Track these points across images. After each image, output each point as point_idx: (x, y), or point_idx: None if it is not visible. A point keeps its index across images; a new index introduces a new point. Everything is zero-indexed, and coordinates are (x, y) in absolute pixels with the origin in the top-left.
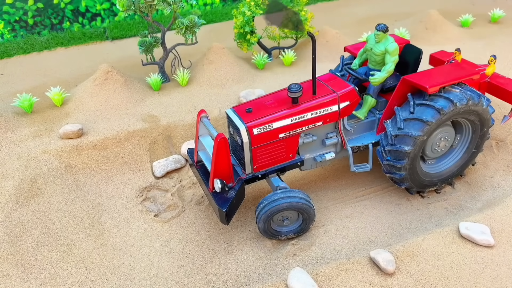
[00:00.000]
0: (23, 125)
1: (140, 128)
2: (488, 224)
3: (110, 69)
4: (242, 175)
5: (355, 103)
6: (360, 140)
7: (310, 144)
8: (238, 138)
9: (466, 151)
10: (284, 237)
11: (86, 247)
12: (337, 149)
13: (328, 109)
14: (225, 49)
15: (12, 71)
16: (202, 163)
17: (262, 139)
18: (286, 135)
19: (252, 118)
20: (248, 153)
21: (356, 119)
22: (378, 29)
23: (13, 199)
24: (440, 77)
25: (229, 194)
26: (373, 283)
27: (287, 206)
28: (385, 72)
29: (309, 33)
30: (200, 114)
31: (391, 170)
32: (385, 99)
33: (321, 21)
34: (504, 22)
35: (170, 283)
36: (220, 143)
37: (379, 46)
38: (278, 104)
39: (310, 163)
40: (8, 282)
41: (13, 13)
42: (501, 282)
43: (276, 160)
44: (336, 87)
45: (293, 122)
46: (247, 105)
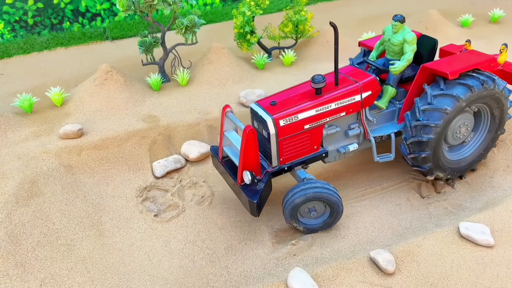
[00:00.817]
0: (23, 125)
1: (140, 128)
2: (488, 224)
3: (110, 69)
4: (268, 168)
5: (376, 93)
6: (382, 130)
7: (334, 136)
8: (264, 131)
9: (486, 136)
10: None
11: (86, 247)
12: (359, 140)
13: (351, 99)
14: (225, 49)
15: (12, 71)
16: (227, 158)
17: (288, 131)
18: (311, 126)
19: (278, 110)
20: (274, 145)
21: (377, 110)
22: (395, 19)
23: (13, 199)
24: (459, 63)
25: (258, 186)
26: (373, 283)
27: (318, 195)
28: (404, 60)
29: (332, 23)
30: (225, 109)
31: (416, 163)
32: (404, 89)
33: (321, 21)
34: (504, 22)
35: (170, 283)
36: (249, 135)
37: (397, 36)
38: (301, 96)
39: (333, 155)
40: (8, 282)
41: (13, 13)
42: (501, 282)
43: (302, 152)
44: (358, 77)
45: (318, 113)
46: (270, 98)
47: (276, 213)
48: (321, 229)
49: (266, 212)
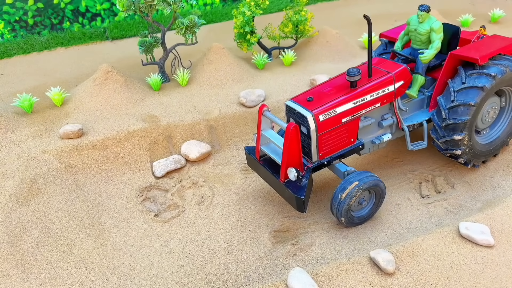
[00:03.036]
0: (23, 125)
1: (140, 128)
2: (488, 224)
3: (110, 69)
4: (308, 165)
5: (408, 82)
6: (413, 118)
7: (368, 127)
8: (303, 127)
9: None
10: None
11: (86, 247)
12: (392, 130)
13: (385, 90)
14: (225, 49)
15: (12, 71)
16: (265, 157)
17: (327, 125)
18: (348, 119)
19: (316, 106)
20: (314, 140)
21: (408, 99)
22: (421, 9)
23: (13, 199)
24: (486, 49)
25: (302, 182)
26: (373, 283)
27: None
28: (433, 49)
29: (366, 16)
30: (262, 108)
31: (448, 146)
32: (431, 78)
33: (321, 21)
34: (504, 22)
35: (170, 283)
36: (293, 132)
37: (424, 25)
38: (336, 90)
39: (368, 147)
40: (8, 282)
41: (13, 13)
42: (501, 282)
43: (340, 146)
44: (389, 68)
45: (355, 106)
46: (306, 94)
47: (276, 213)
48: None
49: (266, 212)
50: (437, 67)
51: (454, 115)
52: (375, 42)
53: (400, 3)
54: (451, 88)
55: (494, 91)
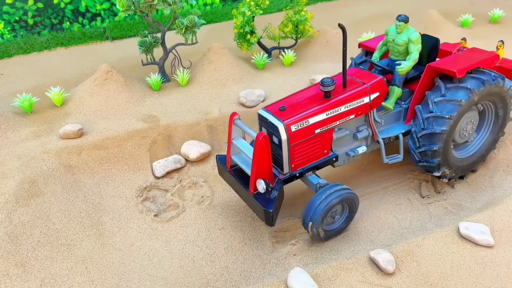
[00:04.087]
0: (23, 125)
1: (140, 128)
2: (488, 224)
3: (110, 69)
4: (279, 176)
5: (384, 94)
6: (389, 131)
7: (343, 139)
8: (274, 137)
9: (489, 135)
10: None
11: (86, 247)
12: (368, 142)
13: (360, 101)
14: (225, 49)
15: (12, 71)
16: (235, 167)
17: (299, 136)
18: (321, 131)
19: (288, 115)
20: (286, 151)
21: (384, 111)
22: (399, 19)
23: (13, 199)
24: (465, 62)
25: (272, 195)
26: (373, 283)
27: (342, 199)
28: (411, 60)
29: (340, 25)
30: (232, 117)
31: (424, 158)
32: (408, 90)
33: (321, 21)
34: (504, 22)
35: (170, 283)
36: (262, 142)
37: (402, 36)
38: (310, 100)
39: (343, 159)
40: (8, 282)
41: (13, 13)
42: (501, 282)
43: (313, 157)
44: (365, 79)
45: (328, 117)
46: (279, 103)
47: None
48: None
49: None
50: (415, 78)
51: (431, 126)
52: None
53: (400, 3)
54: (430, 99)
55: (472, 105)
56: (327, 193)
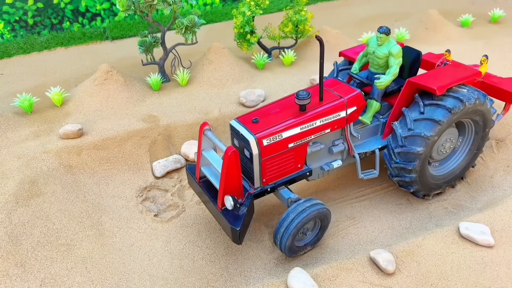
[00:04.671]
0: (23, 125)
1: (140, 128)
2: (488, 224)
3: (110, 69)
4: (249, 190)
5: (361, 108)
6: (366, 146)
7: (318, 153)
8: (246, 151)
9: (468, 152)
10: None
11: (86, 247)
12: (343, 156)
13: (336, 115)
14: (225, 49)
15: (12, 71)
16: (205, 179)
17: (272, 150)
18: (295, 145)
19: (261, 129)
20: (257, 165)
21: (361, 125)
22: (380, 31)
23: (13, 199)
24: (446, 78)
25: (241, 211)
26: (373, 283)
27: (315, 215)
28: (390, 75)
29: (318, 37)
30: (202, 127)
31: (400, 173)
32: (387, 103)
33: (321, 21)
34: (504, 22)
35: (170, 283)
36: (231, 157)
37: (382, 49)
38: (285, 113)
39: (317, 173)
40: (8, 282)
41: (13, 13)
42: (501, 282)
43: (285, 172)
44: (342, 92)
45: (303, 131)
46: (252, 115)
47: (276, 213)
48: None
49: (266, 212)
50: (395, 92)
51: (409, 145)
52: None
53: (400, 3)
54: (408, 117)
55: (452, 123)
56: (299, 210)
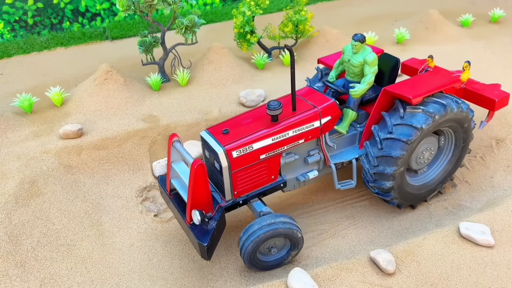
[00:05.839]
0: (23, 125)
1: (140, 128)
2: (488, 224)
3: (110, 69)
4: (221, 202)
5: (336, 118)
6: (343, 155)
7: (292, 164)
8: (216, 163)
9: (447, 164)
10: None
11: (86, 247)
12: (320, 167)
13: (309, 126)
14: (225, 49)
15: (12, 71)
16: (175, 191)
17: (242, 162)
18: (267, 156)
19: (230, 140)
20: (227, 178)
21: (337, 134)
22: (355, 39)
23: (13, 199)
24: (422, 87)
25: (209, 226)
26: (373, 283)
27: (272, 234)
28: (365, 84)
29: (287, 47)
30: (171, 138)
31: (377, 179)
32: (365, 112)
33: (321, 21)
34: (504, 22)
35: (170, 283)
36: (197, 171)
37: (357, 57)
38: (256, 123)
39: (293, 184)
40: (8, 282)
41: (13, 13)
42: (501, 282)
43: (258, 184)
44: (316, 101)
45: (275, 142)
46: (223, 125)
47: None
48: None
49: None
50: (372, 100)
51: (388, 149)
52: None
53: (400, 3)
54: (388, 121)
55: (431, 130)
56: (263, 224)
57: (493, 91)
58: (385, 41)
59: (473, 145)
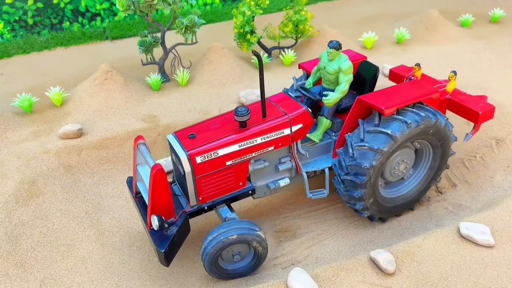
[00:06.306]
0: (23, 125)
1: (140, 128)
2: (488, 224)
3: (110, 69)
4: (186, 207)
5: (308, 126)
6: (315, 164)
7: (262, 171)
8: (180, 167)
9: (423, 179)
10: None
11: (86, 247)
12: (291, 175)
13: (279, 133)
14: (225, 49)
15: (12, 71)
16: (140, 194)
17: (206, 168)
18: (234, 163)
19: (195, 145)
20: (191, 183)
21: (311, 142)
22: (330, 46)
23: (13, 199)
24: (397, 97)
25: (170, 231)
26: (373, 283)
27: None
28: (338, 92)
29: (255, 52)
30: (136, 141)
31: (350, 201)
32: (341, 120)
33: (321, 21)
34: (504, 22)
35: (170, 283)
36: (156, 175)
37: (332, 64)
38: (224, 129)
39: (263, 191)
40: (8, 282)
41: (12, 13)
42: (501, 282)
43: (224, 190)
44: (288, 108)
45: (241, 148)
46: (191, 129)
47: (276, 213)
48: (248, 273)
49: (266, 212)
50: (349, 109)
51: (360, 157)
52: None
53: (400, 3)
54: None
55: (407, 141)
56: (221, 231)
57: (478, 103)
58: (385, 41)
59: (473, 145)
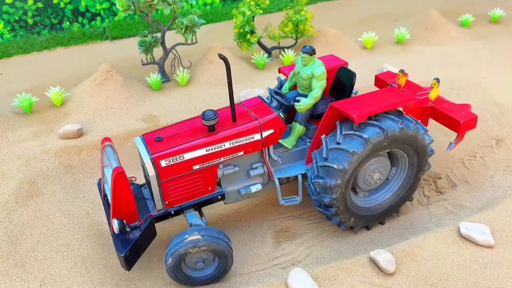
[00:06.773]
0: (23, 125)
1: (140, 128)
2: (489, 224)
3: (110, 69)
4: (153, 211)
5: (280, 131)
6: (288, 170)
7: (233, 176)
8: (145, 171)
9: (398, 190)
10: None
11: (86, 247)
12: (264, 181)
13: (249, 138)
14: (225, 49)
15: (12, 71)
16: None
17: (172, 172)
18: (201, 167)
19: (160, 148)
20: (156, 187)
21: (285, 148)
22: (304, 51)
23: (13, 199)
24: (371, 105)
25: (132, 235)
26: (373, 283)
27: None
28: (311, 98)
29: (221, 56)
30: (103, 142)
31: (320, 205)
32: (316, 126)
33: (321, 21)
34: (504, 22)
35: (170, 283)
36: (116, 178)
37: (306, 69)
38: (192, 132)
39: (234, 196)
40: (8, 282)
41: (12, 13)
42: (501, 282)
43: (192, 194)
44: (259, 113)
45: (209, 153)
46: (158, 132)
47: (276, 213)
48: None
49: (266, 212)
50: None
51: (325, 176)
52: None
53: (400, 3)
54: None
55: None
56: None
57: (461, 112)
58: (385, 41)
59: (473, 145)
